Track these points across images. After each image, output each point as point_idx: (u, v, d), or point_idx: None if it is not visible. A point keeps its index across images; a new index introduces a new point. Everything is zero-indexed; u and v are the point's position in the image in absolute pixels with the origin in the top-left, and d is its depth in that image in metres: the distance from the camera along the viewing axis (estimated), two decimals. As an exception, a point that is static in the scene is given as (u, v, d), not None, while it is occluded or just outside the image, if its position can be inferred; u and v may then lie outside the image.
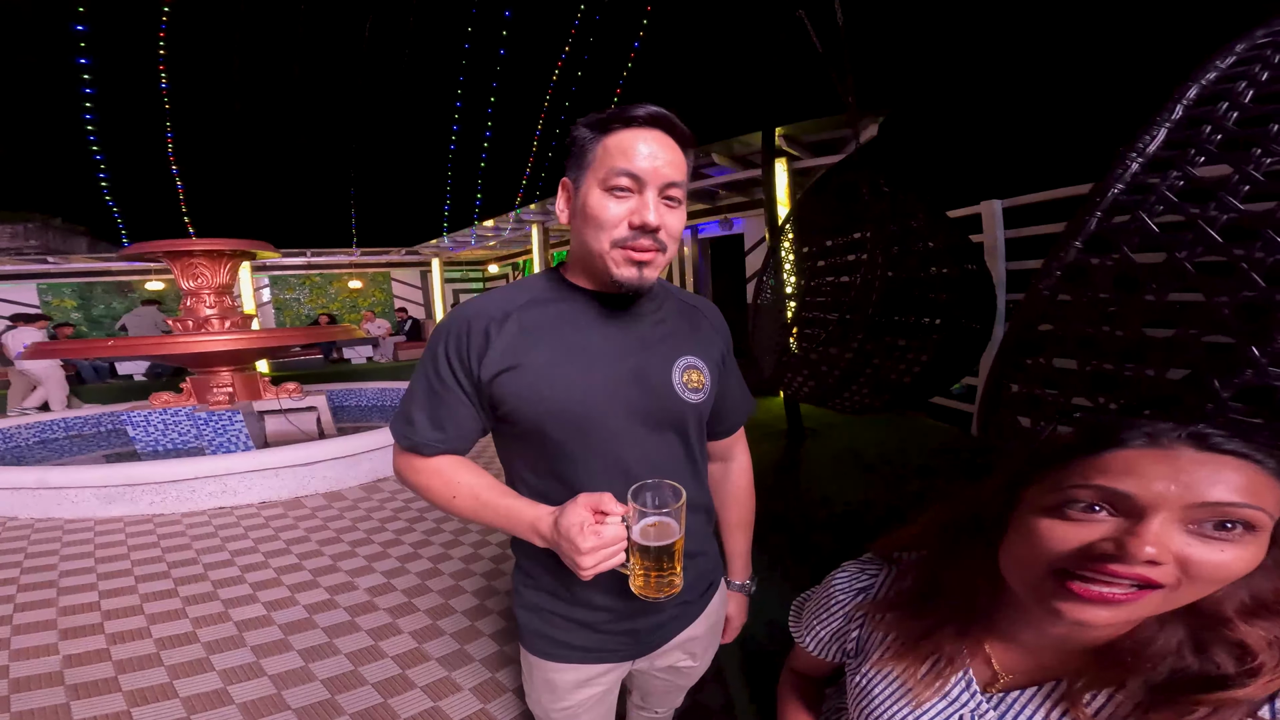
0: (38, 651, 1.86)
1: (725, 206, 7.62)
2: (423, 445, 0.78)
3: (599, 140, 0.72)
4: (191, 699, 1.65)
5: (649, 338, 0.81)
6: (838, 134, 4.80)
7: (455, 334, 0.76)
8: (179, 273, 4.36)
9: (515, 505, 0.75)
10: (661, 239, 0.72)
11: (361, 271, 12.34)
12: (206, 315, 4.36)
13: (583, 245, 0.75)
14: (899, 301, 2.19)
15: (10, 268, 9.37)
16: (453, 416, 0.78)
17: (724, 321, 0.95)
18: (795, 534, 2.04)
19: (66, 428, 5.08)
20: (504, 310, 0.77)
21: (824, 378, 2.37)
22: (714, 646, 1.00)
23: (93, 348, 4.84)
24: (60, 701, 1.61)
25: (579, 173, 0.74)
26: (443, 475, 0.79)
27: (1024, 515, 0.52)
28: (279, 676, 1.76)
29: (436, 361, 0.78)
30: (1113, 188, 1.00)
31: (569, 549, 0.66)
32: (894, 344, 2.27)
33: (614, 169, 0.69)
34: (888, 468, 2.79)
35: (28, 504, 3.11)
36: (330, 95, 12.49)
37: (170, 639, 1.95)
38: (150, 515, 3.13)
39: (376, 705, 1.63)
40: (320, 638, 1.97)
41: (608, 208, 0.70)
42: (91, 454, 4.54)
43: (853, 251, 2.40)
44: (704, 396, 0.83)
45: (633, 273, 0.72)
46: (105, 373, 8.16)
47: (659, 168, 0.70)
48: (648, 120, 0.71)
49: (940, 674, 0.60)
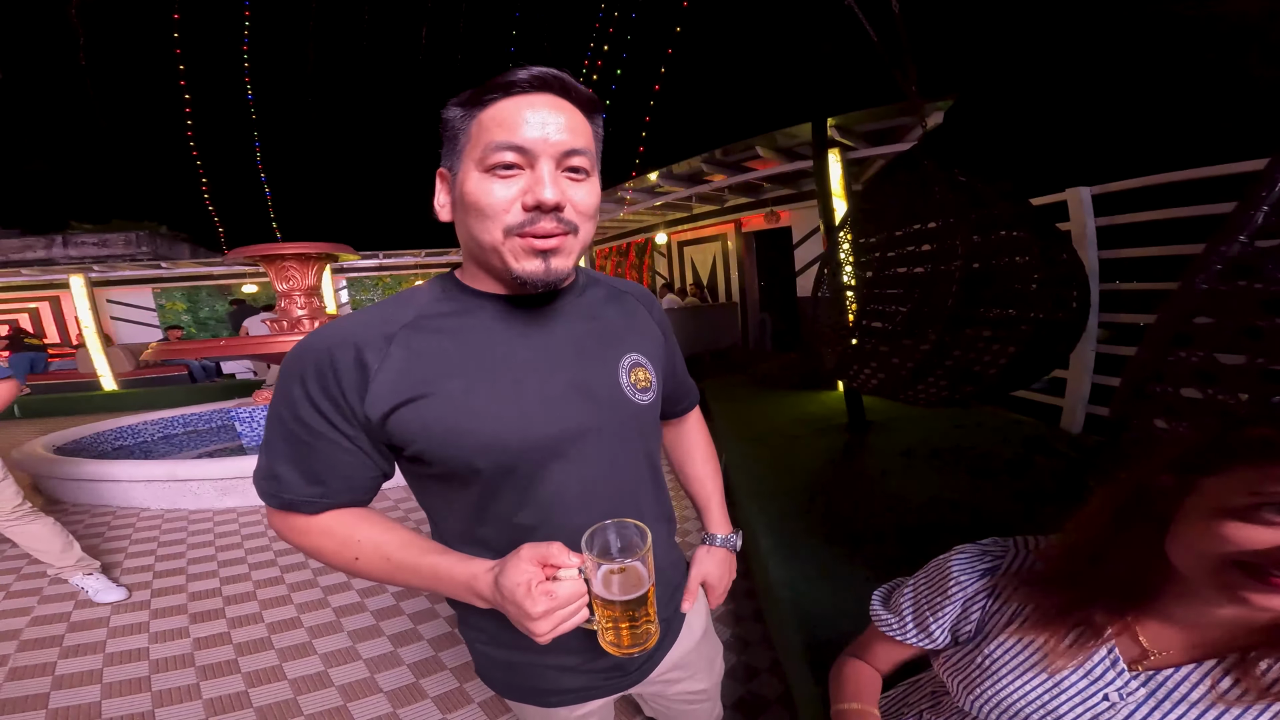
0: (172, 635, 2.11)
1: (771, 200, 7.38)
2: (299, 503, 0.64)
3: (473, 116, 0.59)
4: (298, 680, 1.82)
5: (583, 340, 0.69)
6: (895, 122, 4.51)
7: (315, 369, 0.61)
8: (273, 275, 4.66)
9: (441, 563, 0.62)
10: (568, 218, 0.60)
11: (426, 271, 12.90)
12: (298, 316, 4.68)
13: (471, 240, 0.63)
14: (980, 292, 2.06)
15: (131, 272, 10.45)
16: (330, 466, 0.63)
17: (656, 302, 0.84)
18: (862, 531, 1.98)
19: (185, 424, 5.67)
20: (382, 332, 0.62)
21: (895, 370, 2.27)
22: (716, 660, 0.94)
23: (208, 348, 5.32)
24: (191, 682, 1.83)
25: (454, 159, 0.62)
26: (336, 535, 0.65)
27: (1205, 508, 0.51)
28: (371, 660, 1.92)
29: (294, 405, 0.62)
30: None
31: (517, 614, 0.55)
32: (977, 336, 2.14)
33: (492, 144, 0.57)
34: (963, 462, 2.64)
35: (159, 496, 3.51)
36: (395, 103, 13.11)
37: (280, 624, 2.16)
38: (258, 506, 3.45)
39: (454, 690, 1.75)
40: (406, 624, 2.13)
41: (491, 190, 0.58)
42: (206, 448, 5.03)
43: (925, 241, 2.26)
44: (653, 396, 0.74)
45: (537, 265, 0.60)
46: (213, 372, 9.03)
47: (550, 136, 0.57)
48: (531, 84, 0.58)
49: (1084, 646, 0.59)
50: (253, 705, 1.71)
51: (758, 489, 2.51)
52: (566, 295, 0.71)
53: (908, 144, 4.33)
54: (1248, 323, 0.93)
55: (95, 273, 9.62)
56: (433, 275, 6.47)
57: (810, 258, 7.52)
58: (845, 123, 4.39)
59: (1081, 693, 0.59)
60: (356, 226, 13.37)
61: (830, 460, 2.87)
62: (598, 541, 0.59)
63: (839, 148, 4.38)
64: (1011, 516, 2.06)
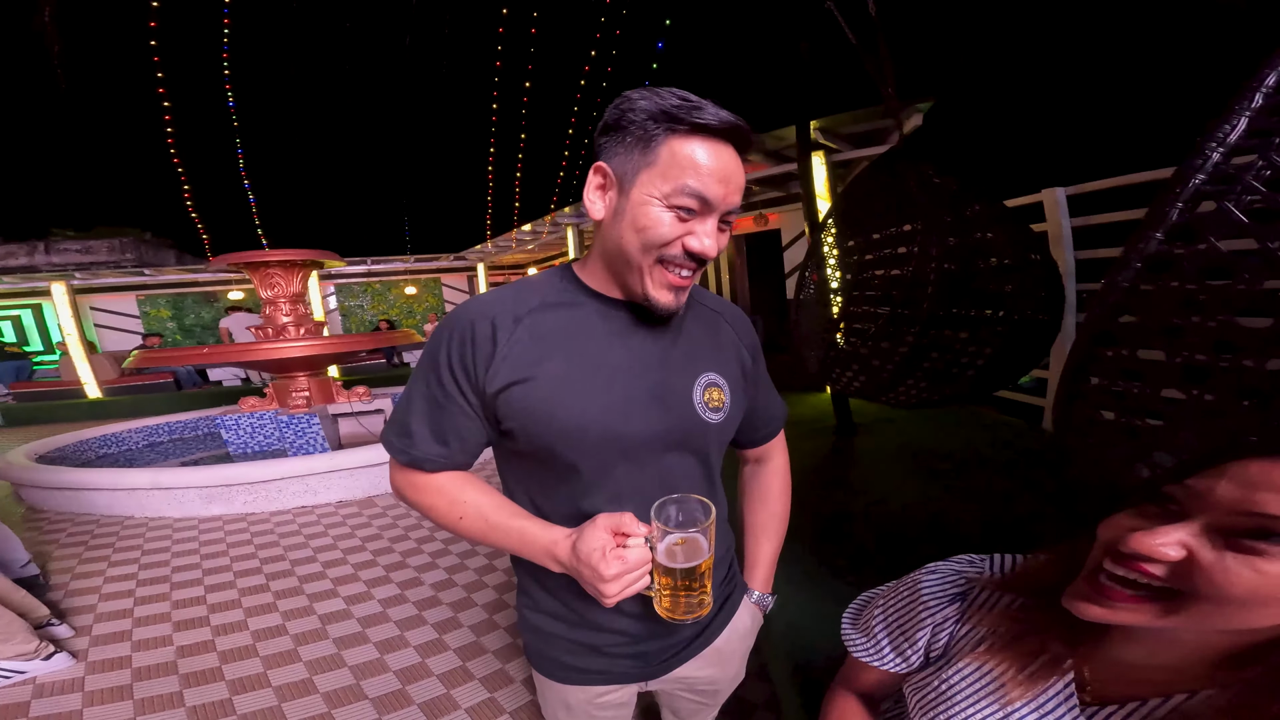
0: (156, 643, 2.09)
1: (760, 202, 7.45)
2: (424, 460, 0.71)
3: (665, 139, 0.62)
4: (282, 688, 1.81)
5: (671, 352, 0.74)
6: (878, 125, 4.57)
7: (459, 338, 0.68)
8: (258, 282, 4.64)
9: (528, 527, 0.69)
10: (705, 260, 0.66)
11: (415, 278, 12.86)
12: (284, 323, 4.66)
13: (619, 251, 0.66)
14: (957, 294, 2.09)
15: (115, 280, 10.34)
16: (456, 429, 0.70)
17: (749, 325, 0.87)
18: (847, 534, 2.00)
19: (170, 431, 5.62)
20: (514, 313, 0.69)
21: (876, 372, 2.30)
22: (740, 657, 0.92)
23: (192, 355, 5.26)
24: (174, 690, 1.82)
25: (629, 167, 0.63)
26: (447, 494, 0.72)
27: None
28: (358, 667, 1.91)
29: (439, 368, 0.69)
30: (1193, 177, 0.96)
31: (591, 576, 0.60)
32: (954, 337, 2.17)
33: (683, 186, 0.61)
34: (948, 464, 2.68)
35: (143, 504, 3.48)
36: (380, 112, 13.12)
37: (264, 631, 2.15)
38: (244, 514, 3.43)
39: (440, 696, 1.75)
40: (393, 630, 2.13)
41: (664, 222, 0.62)
42: (191, 456, 4.99)
43: (903, 244, 2.30)
44: (723, 416, 0.76)
45: (670, 298, 0.67)
46: (199, 379, 8.93)
47: (729, 194, 0.63)
48: (725, 132, 0.62)
49: (1041, 677, 0.59)
50: (236, 713, 1.70)
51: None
52: None
53: (890, 145, 4.40)
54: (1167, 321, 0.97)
55: (78, 280, 9.50)
56: (423, 280, 6.47)
57: (798, 259, 7.59)
58: (829, 125, 4.44)
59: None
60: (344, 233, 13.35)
61: (816, 464, 2.90)
62: (664, 513, 0.64)
63: (823, 150, 4.43)
64: (995, 519, 2.09)
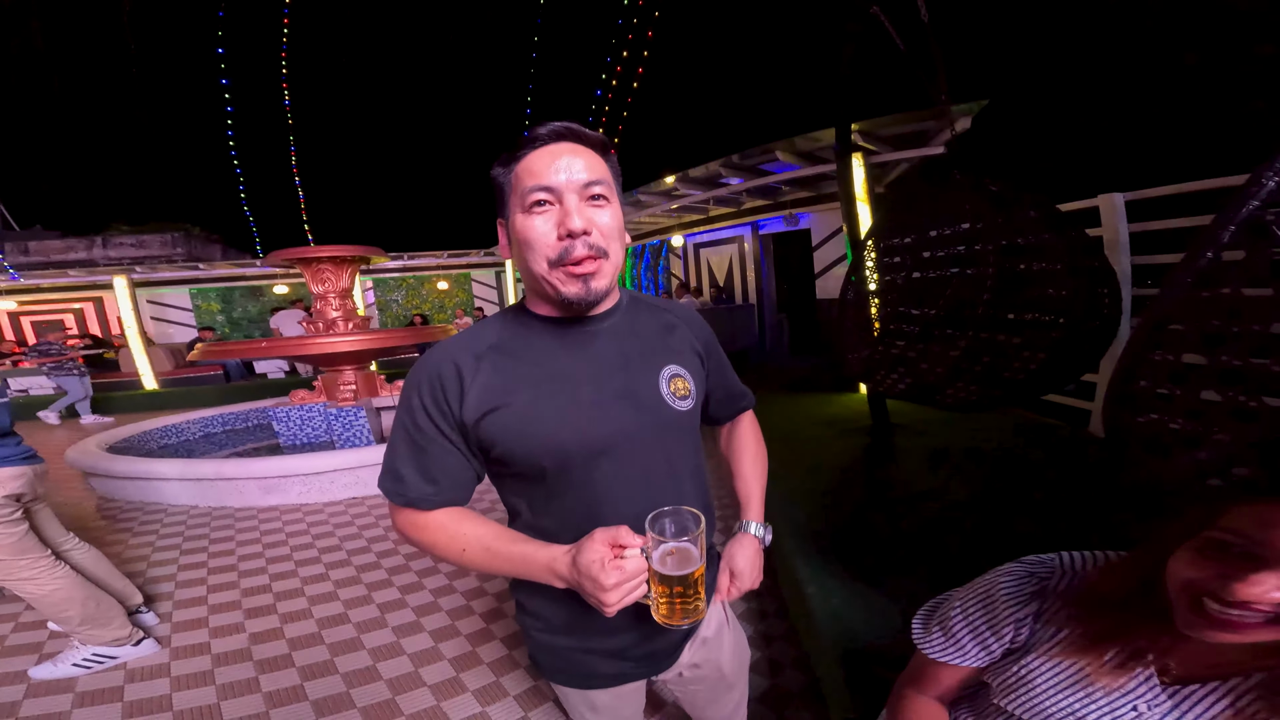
0: (230, 630, 2.23)
1: (789, 202, 7.35)
2: (418, 500, 0.77)
3: (511, 170, 0.73)
4: (349, 674, 1.93)
5: (630, 353, 0.81)
6: (919, 127, 4.44)
7: (428, 384, 0.76)
8: (309, 277, 4.79)
9: (528, 550, 0.73)
10: (597, 243, 0.71)
11: (447, 273, 13.08)
12: (333, 317, 4.82)
13: (527, 273, 0.75)
14: (1011, 298, 2.06)
15: (170, 274, 10.81)
16: (443, 467, 0.77)
17: (699, 319, 0.95)
18: (884, 531, 2.00)
19: (224, 423, 5.89)
20: (474, 351, 0.77)
21: (924, 375, 2.28)
22: (741, 648, 1.02)
23: (251, 349, 5.47)
24: (251, 675, 1.95)
25: (504, 208, 0.76)
26: (447, 530, 0.77)
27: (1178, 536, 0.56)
28: (415, 655, 2.02)
29: (414, 414, 0.76)
30: (1247, 204, 1.02)
31: (592, 587, 0.64)
32: (1007, 342, 2.14)
33: (528, 188, 0.70)
34: (990, 466, 2.64)
35: (206, 494, 3.68)
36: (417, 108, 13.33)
37: (328, 619, 2.27)
38: (299, 505, 3.60)
39: (490, 684, 1.86)
40: (445, 620, 2.24)
41: (533, 225, 0.71)
42: (244, 446, 5.23)
43: (954, 246, 2.27)
44: (691, 404, 0.84)
45: (578, 288, 0.72)
46: (246, 371, 9.31)
47: (572, 176, 0.70)
48: (551, 136, 0.72)
49: (1126, 668, 0.63)
50: (309, 699, 1.81)
51: (781, 489, 2.55)
52: (613, 315, 0.83)
53: (932, 148, 4.32)
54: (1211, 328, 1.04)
55: (138, 274, 9.97)
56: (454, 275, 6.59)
57: (830, 260, 7.47)
58: (869, 127, 4.35)
59: (1112, 704, 0.63)
60: (380, 228, 13.64)
61: (854, 462, 2.89)
62: (658, 524, 0.68)
63: (862, 152, 4.37)
64: (1037, 522, 2.06)
